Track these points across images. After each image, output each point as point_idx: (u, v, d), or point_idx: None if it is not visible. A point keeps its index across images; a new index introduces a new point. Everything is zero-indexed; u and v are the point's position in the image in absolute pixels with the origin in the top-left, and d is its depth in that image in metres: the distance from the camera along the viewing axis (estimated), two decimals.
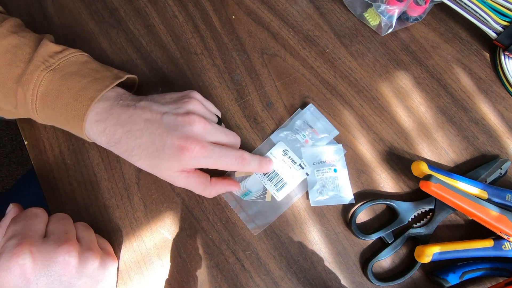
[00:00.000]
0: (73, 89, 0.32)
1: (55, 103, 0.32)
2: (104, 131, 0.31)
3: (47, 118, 0.33)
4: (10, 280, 0.26)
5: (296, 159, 0.37)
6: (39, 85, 0.31)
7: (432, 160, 0.39)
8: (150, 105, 0.32)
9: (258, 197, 0.36)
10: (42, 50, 0.33)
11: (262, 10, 0.46)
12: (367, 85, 0.42)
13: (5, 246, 0.27)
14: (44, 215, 0.31)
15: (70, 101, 0.31)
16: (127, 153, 0.32)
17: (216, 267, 0.35)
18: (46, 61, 0.32)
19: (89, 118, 0.31)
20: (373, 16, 0.44)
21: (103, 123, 0.31)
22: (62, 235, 0.29)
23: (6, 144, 1.20)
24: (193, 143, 0.31)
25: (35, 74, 0.31)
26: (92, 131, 0.32)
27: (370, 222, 0.37)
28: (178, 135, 0.31)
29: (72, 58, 0.34)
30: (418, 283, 0.35)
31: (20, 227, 0.28)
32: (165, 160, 0.31)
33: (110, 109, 0.32)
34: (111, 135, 0.31)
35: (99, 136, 0.32)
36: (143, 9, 0.45)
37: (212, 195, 0.35)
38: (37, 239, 0.28)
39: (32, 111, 0.33)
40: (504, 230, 0.32)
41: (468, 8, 0.42)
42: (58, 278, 0.27)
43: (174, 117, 0.32)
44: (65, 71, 0.32)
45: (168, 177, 0.33)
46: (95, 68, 0.35)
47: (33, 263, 0.26)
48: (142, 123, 0.31)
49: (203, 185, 0.34)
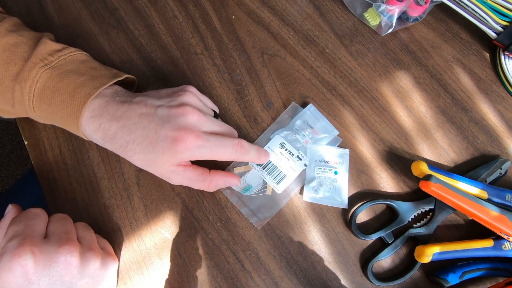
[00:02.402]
0: (70, 86, 0.32)
1: (51, 100, 0.32)
2: (99, 127, 0.31)
3: (44, 115, 0.33)
4: (11, 281, 0.26)
5: (293, 151, 0.37)
6: (36, 82, 0.31)
7: (432, 160, 0.39)
8: (145, 99, 0.32)
9: (259, 191, 0.37)
10: (41, 48, 0.33)
11: (262, 10, 0.46)
12: (367, 85, 0.42)
13: (6, 247, 0.27)
14: (44, 215, 0.31)
15: (67, 98, 0.31)
16: (122, 149, 0.32)
17: (216, 267, 0.35)
18: (45, 58, 0.32)
19: (85, 115, 0.31)
20: (373, 16, 0.44)
21: (99, 119, 0.31)
22: (63, 235, 0.29)
23: (6, 144, 1.20)
24: (187, 133, 0.30)
25: (33, 71, 0.31)
26: (88, 127, 0.32)
27: (370, 222, 0.37)
28: (171, 126, 0.31)
29: (71, 56, 0.34)
30: (418, 283, 0.35)
31: (21, 227, 0.28)
32: (160, 153, 0.31)
33: (106, 105, 0.32)
34: (106, 131, 0.31)
35: (94, 133, 0.32)
36: (143, 9, 0.45)
37: (211, 188, 0.34)
38: (38, 240, 0.28)
39: (30, 108, 0.32)
40: (504, 230, 0.32)
41: (468, 8, 0.42)
42: (59, 278, 0.27)
43: (168, 110, 0.31)
44: (63, 69, 0.32)
45: (164, 173, 0.32)
46: (94, 66, 0.35)
47: (34, 263, 0.26)
48: (137, 117, 0.31)
49: (202, 177, 0.33)
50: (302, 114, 0.40)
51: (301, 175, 0.37)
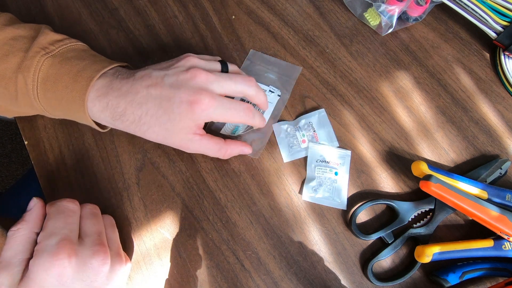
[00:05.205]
0: (72, 71, 0.31)
1: (55, 86, 0.31)
2: (107, 106, 0.31)
3: (49, 104, 0.33)
4: (46, 280, 0.26)
5: (264, 87, 0.40)
6: (39, 70, 0.31)
7: (432, 160, 0.39)
8: (149, 72, 0.32)
9: (246, 129, 0.39)
10: (42, 38, 0.33)
11: (262, 10, 0.46)
12: (367, 85, 0.42)
13: (46, 244, 0.28)
14: (79, 210, 0.32)
15: (70, 82, 0.31)
16: (134, 125, 0.31)
17: (216, 267, 0.35)
18: (46, 47, 0.32)
19: (90, 96, 0.31)
20: (373, 16, 0.44)
21: (105, 98, 0.31)
22: (96, 237, 0.30)
23: (6, 144, 1.20)
24: (202, 95, 0.30)
25: (35, 60, 0.31)
26: (95, 108, 0.31)
27: (370, 222, 0.37)
28: (185, 91, 0.30)
29: (72, 46, 0.34)
30: (418, 283, 0.35)
31: (60, 224, 0.29)
32: (177, 121, 0.31)
33: (110, 83, 0.31)
34: (115, 108, 0.31)
35: (102, 112, 0.31)
36: (143, 9, 0.45)
37: (227, 155, 0.35)
38: (75, 241, 0.29)
39: (34, 98, 0.32)
40: (504, 230, 0.32)
41: (468, 8, 0.42)
42: (90, 283, 0.28)
43: (176, 76, 0.31)
44: (64, 56, 0.32)
45: (181, 142, 0.32)
46: (94, 54, 0.35)
47: (70, 267, 0.27)
48: (145, 90, 0.31)
49: (218, 145, 0.34)
50: (311, 115, 0.40)
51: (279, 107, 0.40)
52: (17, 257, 0.28)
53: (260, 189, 0.37)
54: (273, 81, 0.41)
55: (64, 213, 0.30)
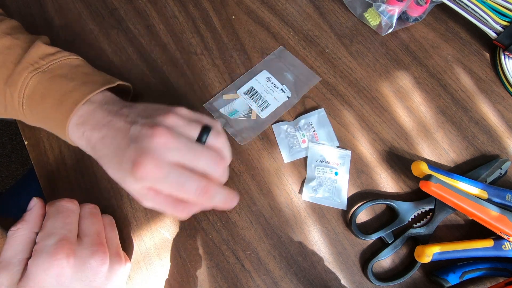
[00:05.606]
0: (60, 92, 0.31)
1: (41, 105, 0.31)
2: (82, 135, 0.30)
3: (35, 120, 0.33)
4: (45, 280, 0.27)
5: (278, 84, 0.41)
6: (26, 86, 0.31)
7: (432, 160, 0.39)
8: (128, 113, 0.30)
9: (245, 115, 0.40)
10: (33, 52, 0.32)
11: (262, 10, 0.46)
12: (367, 85, 0.42)
13: (45, 244, 0.28)
14: (78, 209, 0.32)
15: (56, 103, 0.31)
16: (100, 160, 0.30)
17: (216, 267, 0.35)
18: (36, 62, 0.32)
19: (72, 122, 0.30)
20: (373, 16, 0.44)
21: (82, 127, 0.30)
22: (95, 237, 0.30)
23: (6, 144, 1.20)
24: (147, 159, 0.26)
25: (22, 76, 0.31)
26: (74, 135, 0.31)
27: (370, 222, 0.37)
28: (135, 148, 0.27)
29: (64, 60, 0.33)
30: (418, 283, 0.35)
31: (59, 224, 0.29)
32: (124, 176, 0.28)
33: (93, 112, 0.30)
34: (88, 140, 0.30)
35: (79, 139, 0.31)
36: (143, 9, 0.45)
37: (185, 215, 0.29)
38: (74, 241, 0.29)
39: (20, 112, 0.32)
40: (504, 230, 0.32)
41: (468, 8, 0.42)
42: (89, 283, 0.28)
43: (140, 128, 0.28)
44: (54, 73, 0.32)
45: (135, 194, 0.28)
46: (87, 72, 0.34)
47: (69, 267, 0.27)
48: (114, 131, 0.29)
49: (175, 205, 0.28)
50: (310, 115, 0.40)
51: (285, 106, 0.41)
52: (17, 257, 0.28)
53: (260, 189, 0.37)
54: (289, 82, 0.42)
55: (62, 213, 0.30)
